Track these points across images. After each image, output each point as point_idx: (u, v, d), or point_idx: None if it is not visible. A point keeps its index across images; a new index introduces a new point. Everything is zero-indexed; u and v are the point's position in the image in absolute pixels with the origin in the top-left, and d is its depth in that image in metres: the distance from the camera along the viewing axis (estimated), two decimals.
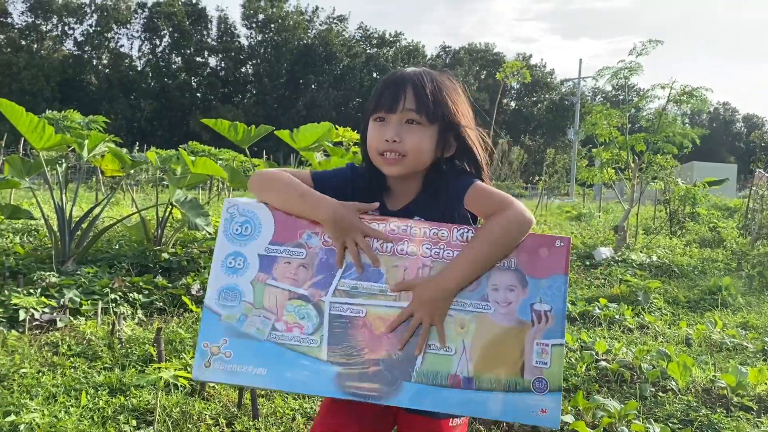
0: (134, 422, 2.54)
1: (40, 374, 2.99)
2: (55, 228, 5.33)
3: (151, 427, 2.51)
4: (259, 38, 58.25)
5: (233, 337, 1.28)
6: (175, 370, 2.55)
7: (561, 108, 59.07)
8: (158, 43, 56.01)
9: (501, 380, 1.24)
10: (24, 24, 50.77)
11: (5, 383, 2.87)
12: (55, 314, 4.01)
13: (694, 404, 2.94)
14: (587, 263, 7.08)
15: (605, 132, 8.24)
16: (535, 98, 63.58)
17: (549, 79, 63.53)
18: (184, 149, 10.01)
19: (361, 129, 1.47)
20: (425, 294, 1.26)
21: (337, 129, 7.39)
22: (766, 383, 3.14)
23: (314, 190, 1.36)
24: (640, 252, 7.62)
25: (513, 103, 63.68)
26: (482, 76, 62.10)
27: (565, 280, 1.28)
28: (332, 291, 1.28)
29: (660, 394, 3.07)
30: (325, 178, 1.44)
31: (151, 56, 56.14)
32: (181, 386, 2.88)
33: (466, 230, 1.31)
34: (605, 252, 7.37)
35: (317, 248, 1.31)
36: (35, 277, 4.59)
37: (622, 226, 8.08)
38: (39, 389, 2.79)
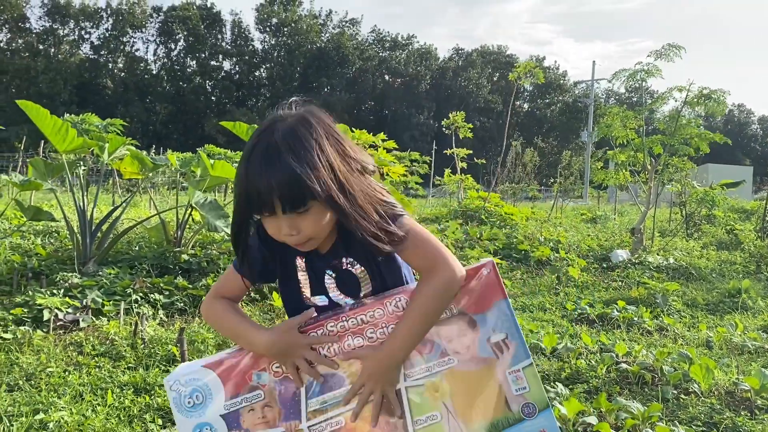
0: (160, 421, 2.58)
1: (66, 373, 3.04)
2: (76, 230, 5.40)
3: (176, 427, 2.53)
4: (273, 42, 58.57)
5: None
6: None
7: (574, 110, 58.79)
8: (173, 47, 56.48)
9: (495, 422, 1.25)
10: (41, 28, 51.41)
11: (33, 382, 2.92)
12: (78, 314, 4.06)
13: (718, 407, 2.92)
14: (604, 265, 7.05)
15: (622, 134, 8.20)
16: (548, 100, 63.33)
17: (562, 81, 63.31)
18: (203, 152, 10.07)
19: (238, 209, 1.31)
20: (372, 366, 1.27)
21: (353, 132, 7.43)
22: None
23: (246, 324, 1.35)
24: (657, 254, 7.57)
25: (526, 105, 63.50)
26: (495, 78, 61.96)
27: (507, 304, 1.29)
28: (305, 416, 1.27)
29: (682, 396, 3.06)
30: (249, 261, 1.39)
31: (166, 60, 56.61)
32: None
33: (398, 299, 1.30)
34: (622, 254, 7.33)
35: (271, 383, 1.29)
36: (57, 278, 4.66)
37: (639, 228, 8.03)
38: (66, 388, 2.83)
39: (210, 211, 5.27)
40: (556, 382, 3.13)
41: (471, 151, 13.30)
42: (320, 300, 1.41)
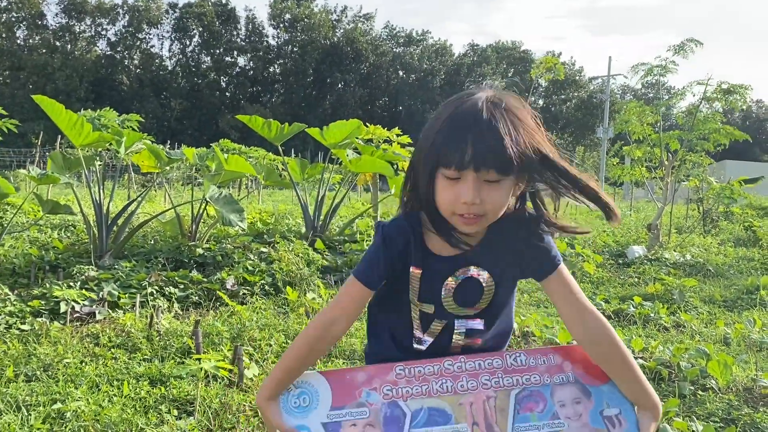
0: (175, 412, 2.59)
1: (83, 364, 3.06)
2: (93, 223, 5.45)
3: (192, 417, 2.55)
4: (286, 37, 58.66)
5: None
6: (216, 361, 2.60)
7: (590, 106, 58.34)
8: (188, 43, 56.79)
9: None
10: (58, 25, 51.90)
11: (50, 372, 2.95)
12: (94, 307, 4.10)
13: (736, 403, 2.89)
14: (620, 261, 6.99)
15: (638, 129, 8.12)
16: (563, 96, 62.92)
17: (578, 77, 62.81)
18: (218, 147, 10.11)
19: (414, 169, 1.28)
20: (658, 411, 1.29)
21: (367, 126, 7.43)
22: None
23: (265, 396, 1.31)
24: (674, 251, 7.50)
25: (541, 101, 63.10)
26: (509, 74, 61.63)
27: None
28: None
29: (699, 392, 3.03)
30: (372, 271, 1.33)
31: (181, 56, 56.94)
32: (219, 378, 2.93)
33: (518, 355, 1.33)
34: (638, 250, 7.27)
35: (379, 404, 1.29)
36: (74, 271, 4.70)
37: (656, 224, 7.96)
38: (83, 378, 2.86)
39: (224, 206, 5.29)
40: None
41: None
42: (428, 307, 1.35)
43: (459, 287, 1.33)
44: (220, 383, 2.90)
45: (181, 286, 4.63)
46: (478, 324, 1.37)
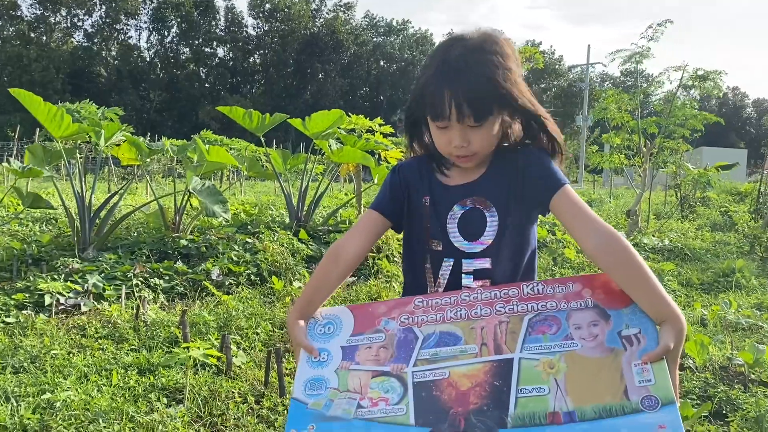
0: (165, 400, 2.62)
1: (71, 355, 3.07)
2: (75, 216, 5.42)
3: (182, 405, 2.58)
4: (266, 28, 58.20)
5: (320, 421, 1.30)
6: (205, 349, 2.63)
7: (569, 94, 58.71)
8: (166, 33, 56.10)
9: (606, 407, 1.19)
10: (33, 16, 50.99)
11: (37, 364, 2.95)
12: (79, 299, 4.09)
13: (712, 381, 2.98)
14: None
15: (617, 116, 8.23)
16: (543, 85, 63.20)
17: (558, 66, 63.14)
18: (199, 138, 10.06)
19: (411, 111, 1.42)
20: (681, 325, 1.16)
21: (349, 116, 7.45)
22: None
23: (301, 296, 1.42)
24: (653, 236, 7.63)
25: None
26: None
27: None
28: (413, 362, 1.31)
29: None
30: (382, 196, 1.47)
31: (159, 47, 56.26)
32: (207, 366, 2.96)
33: (535, 284, 1.34)
34: None
35: (395, 329, 1.35)
36: (58, 264, 4.68)
37: (635, 210, 8.09)
38: (71, 369, 2.87)
39: (208, 197, 5.29)
40: None
41: None
42: (437, 244, 1.41)
43: (463, 218, 1.39)
44: (208, 371, 2.93)
45: (166, 278, 4.63)
46: (485, 263, 1.39)
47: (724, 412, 2.70)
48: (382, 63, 60.68)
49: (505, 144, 1.41)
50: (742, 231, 8.26)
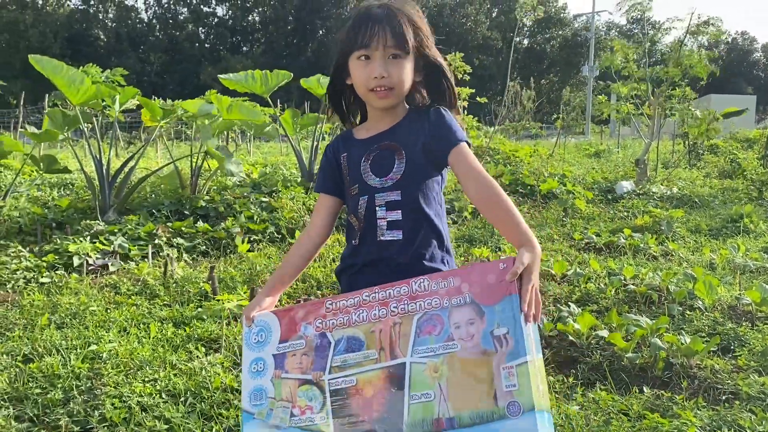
0: (203, 349, 2.77)
1: (108, 311, 3.23)
2: (95, 180, 5.53)
3: (218, 353, 2.73)
4: None
5: (264, 429, 1.46)
6: (238, 300, 2.77)
7: (574, 45, 57.74)
8: None
9: (479, 413, 1.28)
10: None
11: (78, 320, 3.11)
12: (106, 259, 4.24)
13: (721, 320, 3.11)
14: (609, 197, 7.19)
15: (624, 67, 8.21)
16: (548, 35, 62.10)
17: (562, 15, 61.93)
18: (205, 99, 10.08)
19: (335, 67, 1.58)
20: (534, 258, 1.32)
21: None
22: None
23: (271, 279, 1.64)
24: (661, 185, 7.71)
25: (525, 41, 62.30)
26: (494, 14, 60.68)
27: (515, 300, 1.31)
28: (328, 369, 1.43)
29: (687, 312, 3.25)
30: (320, 180, 1.66)
31: (157, 8, 55.37)
32: (238, 318, 3.10)
33: (422, 280, 1.41)
34: (626, 185, 7.47)
35: (312, 335, 1.47)
36: (81, 227, 4.82)
37: (643, 160, 8.14)
38: (111, 324, 3.03)
39: (225, 157, 5.38)
40: (569, 303, 3.32)
41: (473, 90, 13.24)
42: (354, 189, 1.57)
43: (374, 159, 1.55)
44: (240, 322, 3.08)
45: (188, 237, 4.77)
46: (395, 195, 1.52)
47: (732, 347, 2.83)
48: None
49: (414, 106, 1.59)
50: (750, 177, 8.32)
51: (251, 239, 4.77)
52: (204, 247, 4.68)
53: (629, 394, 2.41)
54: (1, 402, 2.30)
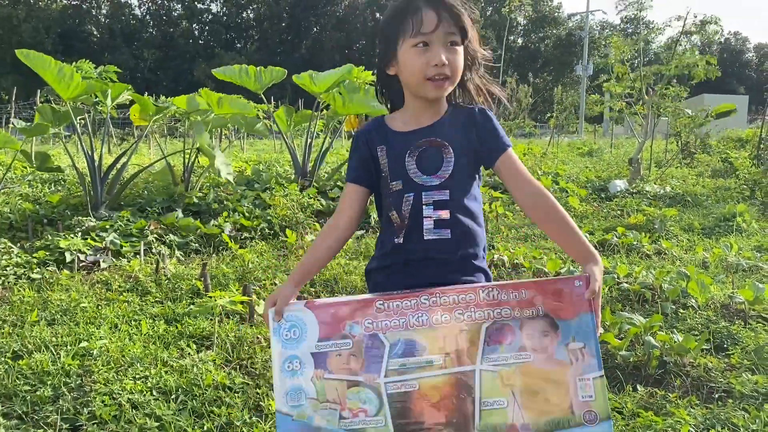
0: (194, 346, 2.75)
1: (99, 308, 3.20)
2: (86, 176, 5.49)
3: (210, 351, 2.71)
4: None
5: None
6: (230, 298, 2.75)
7: (568, 44, 57.86)
8: None
9: (555, 420, 1.35)
10: None
11: (68, 316, 3.08)
12: (98, 256, 4.21)
13: (713, 318, 3.11)
14: (602, 195, 7.20)
15: (619, 68, 8.22)
16: (542, 34, 62.20)
17: (556, 14, 62.02)
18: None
19: (380, 58, 1.50)
20: (599, 272, 1.39)
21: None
22: None
23: (295, 269, 1.56)
24: (654, 183, 7.72)
25: (520, 40, 62.37)
26: (488, 13, 60.71)
27: (592, 317, 1.38)
28: (384, 372, 1.40)
29: (680, 310, 3.25)
30: (353, 169, 1.56)
31: (151, 4, 55.13)
32: (231, 315, 3.08)
33: (490, 289, 1.41)
34: (620, 184, 7.48)
35: (361, 336, 1.42)
36: (73, 223, 4.78)
37: (636, 158, 8.15)
38: (101, 320, 3.00)
39: (216, 156, 5.35)
40: None
41: None
42: (397, 185, 1.49)
43: (421, 155, 1.48)
44: (232, 320, 3.06)
45: (181, 234, 4.74)
46: (444, 195, 1.47)
47: (725, 345, 2.84)
48: (378, 15, 59.58)
49: (455, 103, 1.53)
50: (743, 176, 8.35)
51: (243, 236, 4.75)
52: (196, 244, 4.65)
53: (623, 392, 2.41)
54: None
